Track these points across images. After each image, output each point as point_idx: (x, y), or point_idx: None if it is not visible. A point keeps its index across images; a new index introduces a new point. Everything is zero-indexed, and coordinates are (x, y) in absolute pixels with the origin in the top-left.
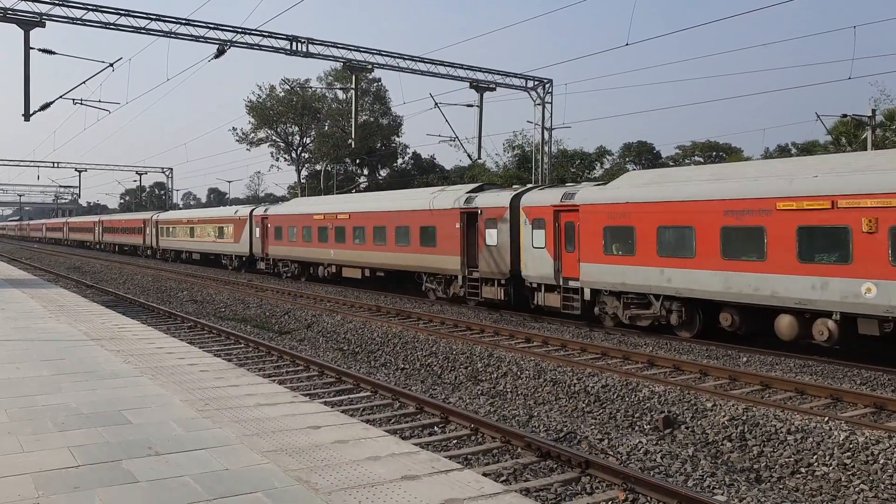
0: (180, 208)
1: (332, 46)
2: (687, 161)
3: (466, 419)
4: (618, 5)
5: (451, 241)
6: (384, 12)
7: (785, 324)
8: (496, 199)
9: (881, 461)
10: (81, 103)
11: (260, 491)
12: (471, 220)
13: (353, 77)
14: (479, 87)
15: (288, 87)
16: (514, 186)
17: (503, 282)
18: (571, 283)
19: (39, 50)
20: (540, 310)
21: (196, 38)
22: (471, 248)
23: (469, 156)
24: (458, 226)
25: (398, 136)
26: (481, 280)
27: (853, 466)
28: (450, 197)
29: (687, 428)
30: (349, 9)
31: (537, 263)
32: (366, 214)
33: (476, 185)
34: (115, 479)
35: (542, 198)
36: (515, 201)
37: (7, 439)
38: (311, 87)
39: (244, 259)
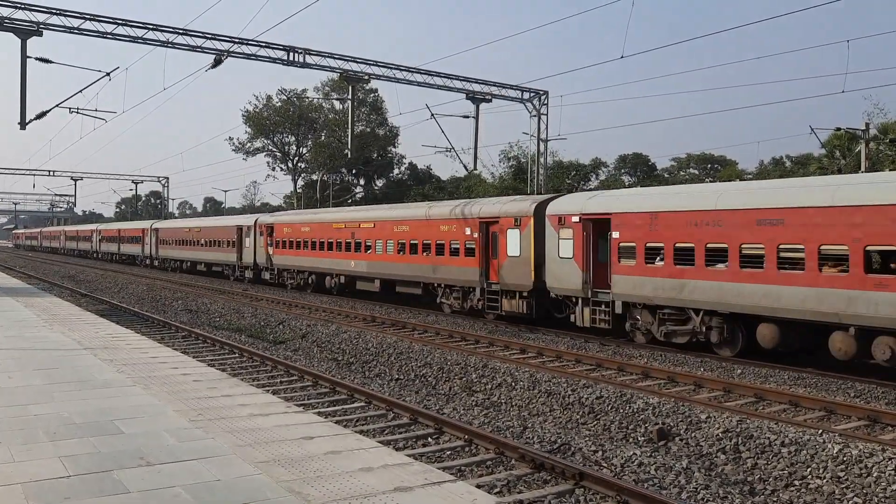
0: (176, 217)
1: (328, 57)
2: (682, 173)
3: (460, 430)
4: (613, 18)
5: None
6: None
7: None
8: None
9: (875, 474)
10: (78, 112)
11: (252, 502)
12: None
13: (350, 88)
14: (475, 99)
15: (285, 97)
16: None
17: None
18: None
19: (36, 59)
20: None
21: (193, 48)
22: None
23: (465, 166)
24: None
25: (394, 147)
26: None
27: (847, 479)
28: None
29: (681, 440)
30: (346, 20)
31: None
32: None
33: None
34: (105, 489)
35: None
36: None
37: None
38: (307, 98)
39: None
